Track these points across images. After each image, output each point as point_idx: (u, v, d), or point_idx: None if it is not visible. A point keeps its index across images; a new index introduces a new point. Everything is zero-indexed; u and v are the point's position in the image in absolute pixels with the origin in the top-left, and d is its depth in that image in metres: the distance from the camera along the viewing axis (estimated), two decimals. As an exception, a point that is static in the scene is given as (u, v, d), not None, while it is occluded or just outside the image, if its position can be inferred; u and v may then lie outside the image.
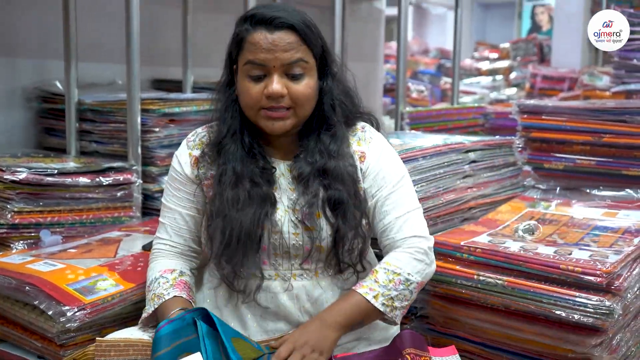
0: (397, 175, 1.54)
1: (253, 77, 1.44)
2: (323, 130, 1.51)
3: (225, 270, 1.46)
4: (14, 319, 1.62)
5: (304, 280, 1.50)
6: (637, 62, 3.09)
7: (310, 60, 1.46)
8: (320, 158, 1.48)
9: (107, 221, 2.09)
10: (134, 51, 2.21)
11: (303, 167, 1.48)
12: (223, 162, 1.48)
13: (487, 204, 2.18)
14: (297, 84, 1.44)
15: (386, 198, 1.51)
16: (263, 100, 1.43)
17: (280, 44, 1.41)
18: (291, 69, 1.43)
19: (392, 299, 1.42)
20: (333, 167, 1.47)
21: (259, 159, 1.50)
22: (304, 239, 1.47)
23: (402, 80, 3.39)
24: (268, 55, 1.41)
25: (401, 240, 1.49)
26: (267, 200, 1.46)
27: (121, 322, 1.60)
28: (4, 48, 2.46)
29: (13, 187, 1.91)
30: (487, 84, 6.89)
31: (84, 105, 2.41)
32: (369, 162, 1.53)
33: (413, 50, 8.44)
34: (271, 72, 1.42)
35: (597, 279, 1.50)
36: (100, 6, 2.68)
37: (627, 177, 2.19)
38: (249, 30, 1.44)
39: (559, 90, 5.42)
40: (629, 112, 2.15)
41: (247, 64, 1.44)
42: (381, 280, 1.43)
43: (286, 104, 1.44)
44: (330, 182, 1.47)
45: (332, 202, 1.46)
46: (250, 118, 1.49)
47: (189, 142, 1.58)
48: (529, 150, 2.37)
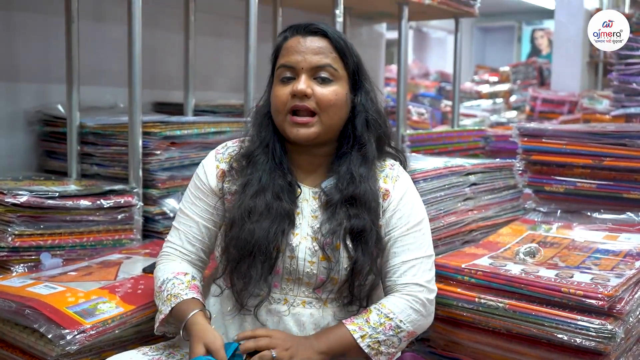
0: (415, 220, 1.52)
1: (283, 80, 1.46)
2: (355, 150, 1.50)
3: (234, 282, 1.45)
4: (13, 342, 1.61)
5: (312, 309, 1.46)
6: (636, 86, 3.11)
7: (340, 69, 1.47)
8: (350, 184, 1.46)
9: (107, 244, 2.09)
10: (136, 75, 2.22)
11: (333, 193, 1.47)
12: (250, 172, 1.48)
13: (488, 227, 2.19)
14: (324, 88, 1.45)
15: (397, 239, 1.49)
16: (289, 102, 1.44)
17: (311, 46, 1.45)
18: (319, 73, 1.45)
19: (378, 343, 1.41)
20: (361, 194, 1.45)
21: (286, 174, 1.49)
22: (319, 268, 1.44)
23: (403, 103, 3.41)
24: (298, 57, 1.45)
25: (402, 286, 1.48)
26: (285, 218, 1.44)
27: (121, 345, 1.59)
28: (6, 72, 2.48)
29: (14, 210, 1.91)
30: (488, 107, 6.91)
31: (86, 128, 2.42)
32: (391, 200, 1.51)
33: (413, 74, 8.49)
34: (299, 74, 1.44)
35: (598, 302, 1.50)
36: (102, 31, 2.71)
37: (627, 200, 2.19)
38: (286, 38, 1.50)
39: (559, 114, 5.44)
40: (629, 135, 2.16)
41: (279, 68, 1.48)
42: (372, 321, 1.42)
43: (311, 107, 1.43)
44: (356, 211, 1.45)
45: (354, 232, 1.43)
46: (279, 126, 1.48)
47: (217, 154, 1.57)
48: (530, 173, 2.38)
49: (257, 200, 1.44)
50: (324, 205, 1.47)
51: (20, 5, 2.50)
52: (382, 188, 1.52)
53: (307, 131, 1.44)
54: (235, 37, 2.95)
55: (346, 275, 1.44)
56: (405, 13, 3.28)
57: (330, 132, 1.48)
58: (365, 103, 1.52)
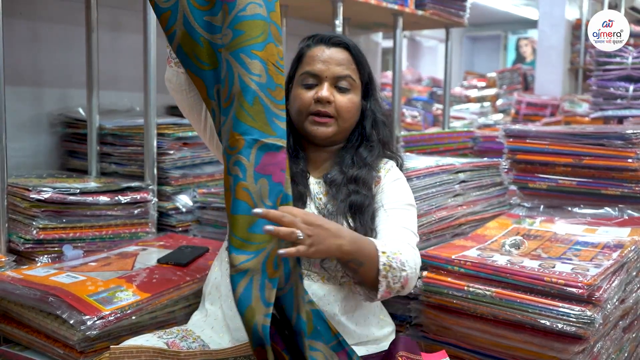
0: (403, 201, 1.54)
1: (306, 85, 1.52)
2: (362, 145, 1.57)
3: None
4: (38, 327, 1.62)
5: (310, 281, 1.47)
6: (613, 90, 3.11)
7: (357, 80, 1.54)
8: (352, 168, 1.52)
9: (124, 237, 2.09)
10: (151, 80, 2.22)
11: (336, 175, 1.52)
12: None
13: (476, 221, 2.18)
14: (342, 96, 1.51)
15: (386, 210, 1.50)
16: (312, 105, 1.50)
17: (335, 57, 1.52)
18: (340, 82, 1.51)
19: (390, 267, 1.34)
20: (363, 175, 1.51)
21: (300, 163, 1.55)
22: None
23: (397, 106, 3.41)
24: (322, 67, 1.51)
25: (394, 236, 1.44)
26: (299, 199, 1.48)
27: (138, 330, 1.59)
28: (31, 78, 2.48)
29: (38, 205, 1.92)
30: (476, 110, 6.90)
31: (105, 130, 2.42)
32: (382, 184, 1.55)
33: (407, 79, 8.48)
34: (322, 82, 1.51)
35: (578, 291, 1.50)
36: (120, 40, 2.71)
37: (605, 197, 2.19)
38: (310, 46, 1.55)
39: (542, 116, 5.43)
40: (607, 136, 2.16)
41: (303, 74, 1.53)
42: (389, 248, 1.36)
43: (331, 112, 1.50)
44: (356, 187, 1.49)
45: (353, 207, 1.47)
46: (298, 124, 1.54)
47: None
48: (515, 171, 2.38)
49: None
50: (328, 187, 1.52)
51: (44, 16, 2.50)
52: (375, 176, 1.56)
53: (326, 130, 1.51)
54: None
55: None
56: (399, 23, 3.28)
57: (344, 133, 1.56)
58: (374, 108, 1.60)
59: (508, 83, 7.59)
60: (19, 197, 1.95)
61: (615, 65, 3.10)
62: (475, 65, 12.24)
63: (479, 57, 12.84)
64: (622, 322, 1.75)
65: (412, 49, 11.78)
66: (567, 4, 6.02)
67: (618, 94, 3.11)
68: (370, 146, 1.58)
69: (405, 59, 10.90)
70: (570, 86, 6.19)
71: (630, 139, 2.10)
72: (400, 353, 1.35)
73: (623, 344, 1.78)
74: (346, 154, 1.57)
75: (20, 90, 2.43)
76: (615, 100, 3.12)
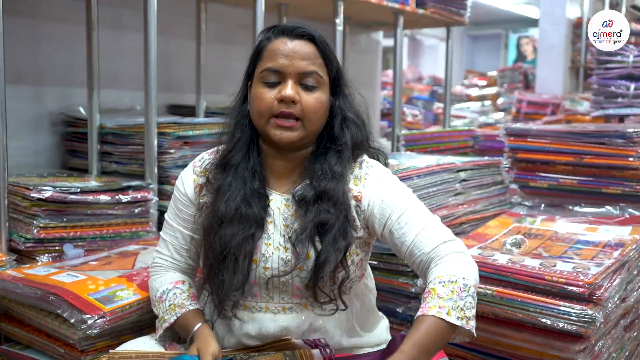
0: (402, 198, 1.38)
1: (268, 84, 1.34)
2: (331, 150, 1.39)
3: (212, 287, 1.37)
4: (38, 326, 1.62)
5: (293, 313, 1.37)
6: (614, 89, 3.10)
7: (324, 76, 1.37)
8: (323, 180, 1.35)
9: (125, 236, 2.09)
10: (152, 79, 2.22)
11: (307, 190, 1.35)
12: (224, 177, 1.39)
13: (476, 220, 2.18)
14: (308, 95, 1.34)
15: (398, 222, 1.35)
16: (275, 106, 1.33)
17: (299, 51, 1.34)
18: (305, 79, 1.34)
19: (462, 310, 1.22)
20: (331, 190, 1.33)
21: (256, 181, 1.38)
22: (293, 277, 1.34)
23: (398, 105, 3.40)
24: (285, 62, 1.33)
25: (433, 251, 1.31)
26: (254, 223, 1.34)
27: (138, 329, 1.59)
28: (32, 77, 2.48)
29: (39, 204, 1.91)
30: (476, 109, 6.90)
31: (105, 129, 2.42)
32: (367, 198, 1.38)
33: (408, 78, 8.48)
34: (286, 79, 1.33)
35: (579, 290, 1.50)
36: (121, 39, 2.70)
37: (606, 195, 2.19)
38: (270, 38, 1.37)
39: (543, 115, 5.43)
40: (608, 135, 2.16)
41: (264, 71, 1.35)
42: (444, 294, 1.22)
43: (296, 113, 1.33)
44: (325, 206, 1.33)
45: (320, 225, 1.32)
46: (260, 127, 1.37)
47: (195, 168, 1.47)
48: (516, 170, 2.37)
49: (227, 205, 1.35)
50: (297, 205, 1.36)
51: (46, 15, 2.49)
52: (353, 190, 1.38)
53: (291, 135, 1.34)
54: (243, 44, 2.94)
55: (312, 267, 1.31)
56: (400, 22, 3.27)
57: (311, 136, 1.39)
58: (343, 106, 1.42)
59: (509, 82, 7.59)
60: (19, 196, 1.95)
61: (616, 63, 3.09)
62: (476, 64, 12.23)
63: (479, 56, 12.83)
64: (623, 320, 1.75)
65: (412, 48, 11.78)
66: (568, 3, 6.01)
67: (619, 92, 3.10)
68: (338, 150, 1.38)
69: (406, 58, 10.90)
70: (571, 85, 6.18)
71: (631, 138, 2.10)
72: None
73: (624, 342, 1.77)
74: (316, 163, 1.38)
75: (21, 89, 2.43)
76: (616, 99, 3.11)
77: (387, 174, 1.43)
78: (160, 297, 1.45)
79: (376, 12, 3.26)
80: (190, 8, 2.79)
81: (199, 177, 1.45)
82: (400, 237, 1.35)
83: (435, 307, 1.21)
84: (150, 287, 1.50)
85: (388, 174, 1.43)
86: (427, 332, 1.19)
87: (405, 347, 1.18)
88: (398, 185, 1.42)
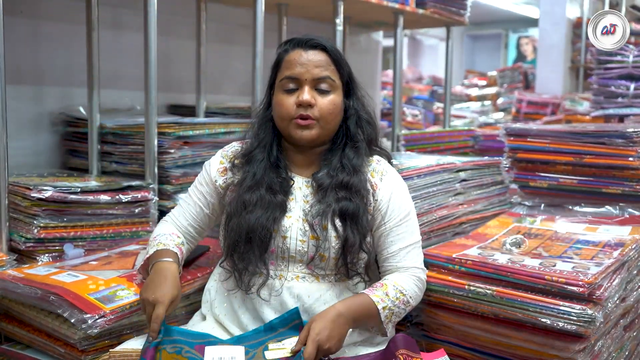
0: (405, 211, 1.58)
1: (287, 90, 1.52)
2: (348, 146, 1.57)
3: (234, 265, 1.51)
4: (39, 326, 1.62)
5: (305, 282, 1.51)
6: (614, 89, 3.10)
7: (336, 80, 1.54)
8: (341, 172, 1.53)
9: (125, 235, 2.09)
10: (152, 79, 2.22)
11: (324, 179, 1.53)
12: (248, 169, 1.56)
13: (476, 220, 2.18)
14: (323, 98, 1.52)
15: (393, 229, 1.55)
16: (294, 110, 1.50)
17: (313, 60, 1.52)
18: (320, 84, 1.52)
19: (393, 314, 1.49)
20: (354, 182, 1.52)
21: (281, 171, 1.56)
22: (309, 246, 1.50)
23: (398, 105, 3.41)
24: (301, 70, 1.51)
25: (404, 269, 1.55)
26: (277, 208, 1.51)
27: (138, 329, 1.59)
28: (32, 76, 2.48)
29: (39, 204, 1.92)
30: (476, 109, 6.89)
31: (105, 128, 2.42)
32: (381, 195, 1.56)
33: (408, 78, 8.48)
34: (303, 85, 1.51)
35: (579, 289, 1.50)
36: (121, 39, 2.71)
37: (606, 195, 2.19)
38: (287, 51, 1.55)
39: (543, 115, 5.43)
40: (608, 135, 2.16)
41: (283, 79, 1.53)
42: (391, 295, 1.49)
43: (313, 115, 1.50)
44: (347, 194, 1.50)
45: (344, 213, 1.49)
46: (282, 129, 1.55)
47: (223, 152, 1.65)
48: (516, 169, 2.38)
49: (252, 194, 1.51)
50: (315, 190, 1.54)
51: (45, 14, 2.49)
52: (371, 180, 1.57)
53: (310, 133, 1.52)
54: (243, 44, 2.95)
55: (336, 252, 1.49)
56: (400, 22, 3.27)
57: (328, 134, 1.56)
58: (357, 107, 1.60)
59: (509, 81, 7.58)
60: (20, 196, 1.95)
61: (616, 63, 3.10)
62: (476, 64, 12.23)
63: (479, 56, 12.83)
64: (623, 320, 1.75)
65: (412, 48, 11.78)
66: (568, 3, 6.01)
67: (619, 92, 3.10)
68: (356, 147, 1.57)
69: (406, 58, 10.90)
70: (571, 85, 6.18)
71: (631, 138, 2.10)
72: (401, 351, 1.35)
73: (624, 342, 1.78)
74: (333, 157, 1.57)
75: (21, 89, 2.43)
76: (616, 99, 3.11)
77: (401, 182, 1.62)
78: (155, 237, 1.62)
79: (376, 12, 3.26)
80: (191, 8, 2.79)
81: (226, 160, 1.63)
82: (386, 242, 1.56)
83: (379, 297, 1.47)
84: (152, 233, 1.66)
85: (401, 182, 1.63)
86: (362, 307, 1.45)
87: (342, 308, 1.41)
88: (406, 198, 1.61)
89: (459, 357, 1.71)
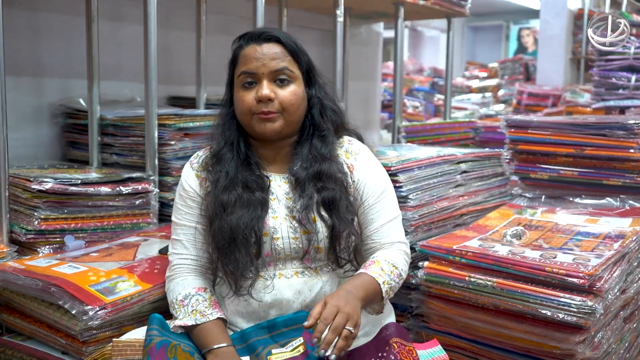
0: (382, 186, 1.57)
1: (246, 86, 1.49)
2: (315, 136, 1.55)
3: (225, 268, 1.45)
4: (40, 317, 1.62)
5: (305, 277, 1.49)
6: (615, 80, 3.10)
7: (295, 70, 1.51)
8: (314, 163, 1.51)
9: (126, 227, 2.09)
10: (152, 71, 2.21)
11: (299, 172, 1.51)
12: (219, 169, 1.51)
13: (477, 211, 2.18)
14: (283, 89, 1.49)
15: (372, 206, 1.55)
16: (255, 105, 1.48)
17: (268, 53, 1.49)
18: (278, 76, 1.49)
19: (390, 289, 1.47)
20: (326, 170, 1.50)
21: (254, 168, 1.52)
22: (302, 242, 1.48)
23: (399, 97, 3.40)
24: (257, 64, 1.48)
25: (388, 244, 1.54)
26: (258, 206, 1.47)
27: (139, 320, 1.59)
28: (32, 68, 2.48)
29: (40, 196, 1.91)
30: (477, 101, 6.89)
31: (106, 120, 2.42)
32: (357, 174, 1.56)
33: (408, 70, 8.46)
34: (261, 79, 1.48)
35: (580, 281, 1.50)
36: (121, 30, 2.70)
37: (607, 187, 2.19)
38: (242, 46, 1.53)
39: (544, 107, 5.42)
40: (609, 126, 2.15)
41: (240, 75, 1.50)
42: (386, 270, 1.47)
43: (275, 109, 1.48)
44: (323, 184, 1.49)
45: (326, 202, 1.48)
46: (245, 125, 1.52)
47: (192, 165, 1.58)
48: (516, 161, 2.37)
49: (229, 194, 1.47)
50: (294, 185, 1.51)
51: (45, 6, 2.48)
52: (346, 162, 1.57)
53: (273, 125, 1.48)
54: (243, 36, 2.94)
55: (328, 241, 1.48)
56: (401, 13, 3.26)
57: (293, 126, 1.53)
58: (319, 95, 1.57)
59: (510, 73, 7.57)
60: (20, 187, 1.95)
61: (617, 55, 3.09)
62: (476, 56, 12.21)
63: (480, 48, 12.80)
64: (623, 312, 1.76)
65: (413, 39, 11.75)
66: (569, -6, 6.00)
67: (620, 84, 3.10)
68: (322, 135, 1.55)
69: (406, 49, 10.87)
70: (572, 76, 6.17)
71: (632, 129, 2.10)
72: (394, 339, 1.35)
73: (624, 334, 1.78)
74: (303, 148, 1.54)
75: (21, 80, 2.42)
76: (617, 91, 3.11)
77: (374, 159, 1.62)
78: (182, 300, 1.47)
79: (377, 3, 3.25)
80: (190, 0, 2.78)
81: (200, 171, 1.56)
82: (367, 220, 1.55)
83: (376, 272, 1.45)
84: (171, 289, 1.52)
85: (374, 159, 1.62)
86: (366, 284, 1.42)
87: (351, 288, 1.38)
88: (381, 174, 1.60)
89: (460, 349, 1.71)
